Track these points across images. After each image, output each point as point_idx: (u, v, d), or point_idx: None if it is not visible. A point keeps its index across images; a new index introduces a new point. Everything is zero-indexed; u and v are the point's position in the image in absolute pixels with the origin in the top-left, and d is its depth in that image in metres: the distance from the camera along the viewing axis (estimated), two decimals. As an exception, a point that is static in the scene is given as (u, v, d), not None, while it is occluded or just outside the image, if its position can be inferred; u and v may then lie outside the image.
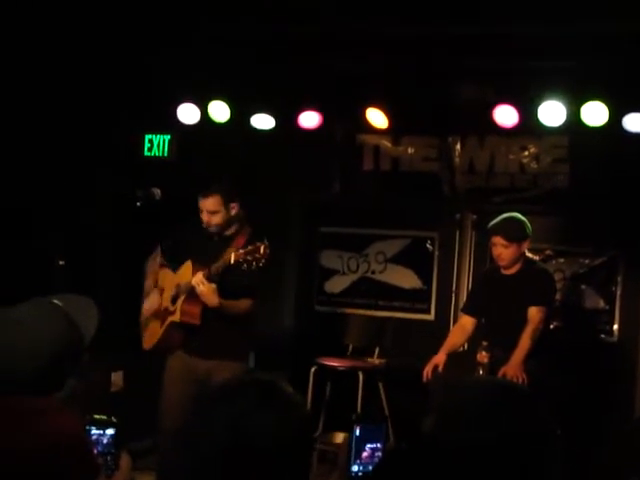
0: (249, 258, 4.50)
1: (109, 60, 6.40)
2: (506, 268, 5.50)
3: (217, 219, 4.93)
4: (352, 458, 2.07)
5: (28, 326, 2.41)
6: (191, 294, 4.81)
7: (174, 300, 4.98)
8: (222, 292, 4.77)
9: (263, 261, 4.50)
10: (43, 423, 2.26)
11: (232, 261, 4.55)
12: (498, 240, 5.42)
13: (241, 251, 4.54)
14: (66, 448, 2.22)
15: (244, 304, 4.90)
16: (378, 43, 6.18)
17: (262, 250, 4.48)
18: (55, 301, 2.59)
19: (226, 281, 4.78)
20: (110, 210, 6.25)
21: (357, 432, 2.09)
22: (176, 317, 4.92)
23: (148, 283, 5.20)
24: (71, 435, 2.27)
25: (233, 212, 4.97)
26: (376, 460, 2.09)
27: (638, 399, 6.52)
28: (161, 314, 5.08)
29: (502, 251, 5.42)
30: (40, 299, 2.57)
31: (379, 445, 2.11)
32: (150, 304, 5.15)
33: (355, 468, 2.08)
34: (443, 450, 1.60)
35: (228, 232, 5.01)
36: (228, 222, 4.98)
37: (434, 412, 1.68)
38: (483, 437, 1.68)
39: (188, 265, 4.93)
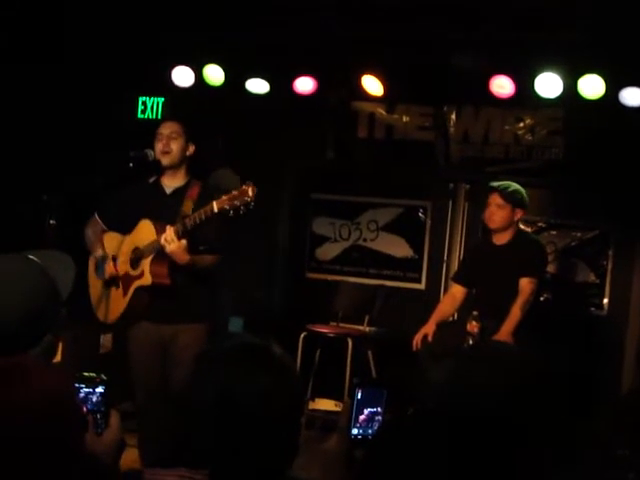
0: (236, 203, 4.12)
1: (104, 23, 6.33)
2: (496, 232, 5.48)
3: (175, 145, 4.65)
4: (352, 421, 2.08)
5: (3, 281, 2.38)
6: (158, 254, 4.46)
7: (134, 264, 4.62)
8: (190, 248, 4.41)
9: (252, 204, 4.12)
10: (27, 381, 2.24)
11: (215, 209, 4.18)
12: (494, 199, 5.41)
13: (224, 197, 4.16)
14: (52, 405, 2.20)
15: (209, 259, 4.62)
16: (375, 10, 6.13)
17: (250, 192, 4.10)
18: (31, 257, 2.55)
19: (196, 236, 4.43)
20: (103, 172, 6.20)
21: (359, 395, 2.10)
22: (146, 280, 4.53)
23: (98, 252, 4.78)
24: (56, 392, 2.24)
25: (188, 152, 4.72)
26: (375, 424, 2.10)
27: (626, 372, 6.56)
28: (120, 281, 4.69)
29: (495, 211, 5.40)
30: (15, 255, 2.53)
31: (379, 409, 2.12)
32: (104, 273, 4.75)
33: (355, 431, 2.09)
34: (447, 418, 1.60)
35: (178, 184, 4.71)
36: (181, 159, 4.69)
37: (441, 381, 1.68)
38: (489, 407, 1.69)
39: (146, 225, 4.57)
